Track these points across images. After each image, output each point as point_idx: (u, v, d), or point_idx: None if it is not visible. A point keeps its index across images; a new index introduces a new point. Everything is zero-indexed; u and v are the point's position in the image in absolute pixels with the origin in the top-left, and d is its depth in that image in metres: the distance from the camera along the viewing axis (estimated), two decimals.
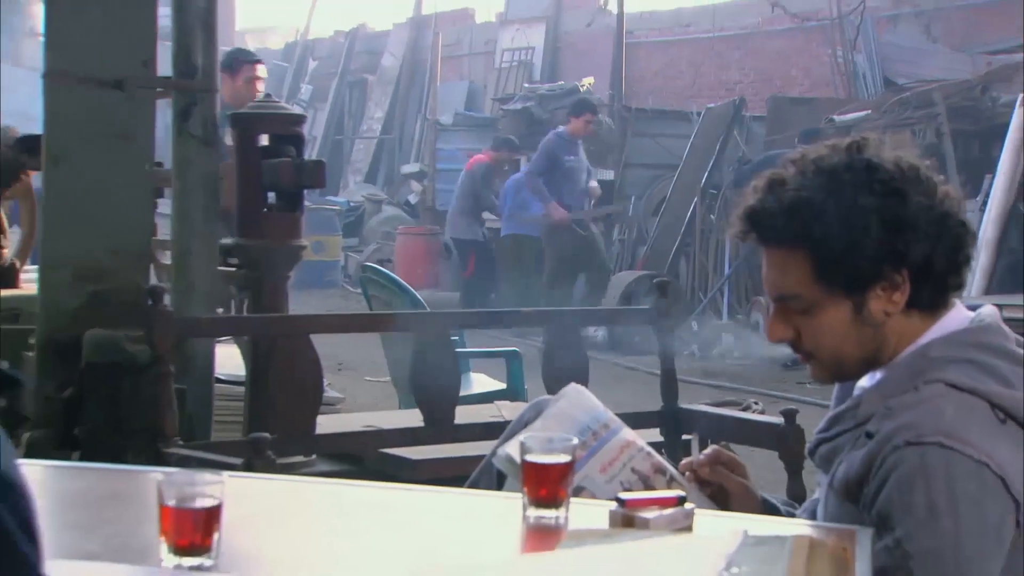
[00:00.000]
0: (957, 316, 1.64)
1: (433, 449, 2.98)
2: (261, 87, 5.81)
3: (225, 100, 5.64)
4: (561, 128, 9.03)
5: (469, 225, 10.42)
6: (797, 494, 2.65)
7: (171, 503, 1.31)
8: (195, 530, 1.30)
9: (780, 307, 1.65)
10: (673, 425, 3.11)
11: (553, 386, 2.79)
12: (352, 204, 14.33)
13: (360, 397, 5.98)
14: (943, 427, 1.50)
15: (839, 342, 1.62)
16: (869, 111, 9.55)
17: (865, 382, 1.68)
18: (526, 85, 14.02)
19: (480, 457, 2.09)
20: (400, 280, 5.17)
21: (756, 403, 5.91)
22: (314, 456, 2.97)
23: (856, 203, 1.57)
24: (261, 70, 5.81)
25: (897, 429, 1.52)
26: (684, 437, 3.12)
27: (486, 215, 10.54)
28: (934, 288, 1.61)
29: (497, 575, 1.31)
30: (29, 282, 3.75)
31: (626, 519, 1.42)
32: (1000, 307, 1.79)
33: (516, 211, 9.48)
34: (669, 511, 1.43)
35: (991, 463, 1.49)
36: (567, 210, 8.86)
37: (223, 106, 5.63)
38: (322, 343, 2.96)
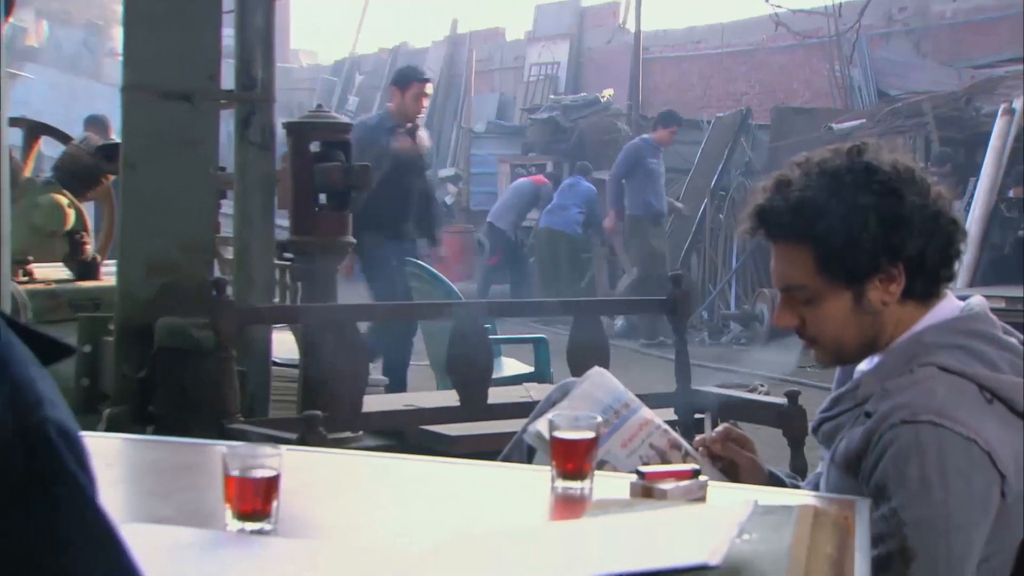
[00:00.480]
0: (948, 305, 1.63)
1: (468, 426, 2.97)
2: (426, 103, 5.50)
3: (391, 111, 5.40)
4: (647, 135, 9.12)
5: (511, 222, 10.67)
6: (799, 467, 2.63)
7: (234, 473, 1.31)
8: (256, 498, 1.31)
9: (786, 297, 1.64)
10: (687, 405, 3.09)
11: (577, 369, 2.78)
12: None
13: None
14: (935, 407, 1.48)
15: (840, 329, 1.61)
16: (864, 120, 9.48)
17: (864, 365, 1.66)
18: (551, 96, 13.99)
19: (511, 434, 2.08)
20: (438, 273, 5.18)
21: (762, 385, 5.86)
22: (361, 432, 2.98)
23: (856, 202, 1.55)
24: (428, 88, 5.49)
25: (893, 408, 1.50)
26: (696, 416, 3.10)
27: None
28: (927, 280, 1.59)
29: (527, 541, 1.31)
30: (108, 275, 3.77)
31: (645, 490, 1.41)
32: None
33: (557, 207, 9.63)
34: (685, 483, 1.42)
35: (979, 439, 1.47)
36: (650, 207, 8.75)
37: (387, 117, 5.45)
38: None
